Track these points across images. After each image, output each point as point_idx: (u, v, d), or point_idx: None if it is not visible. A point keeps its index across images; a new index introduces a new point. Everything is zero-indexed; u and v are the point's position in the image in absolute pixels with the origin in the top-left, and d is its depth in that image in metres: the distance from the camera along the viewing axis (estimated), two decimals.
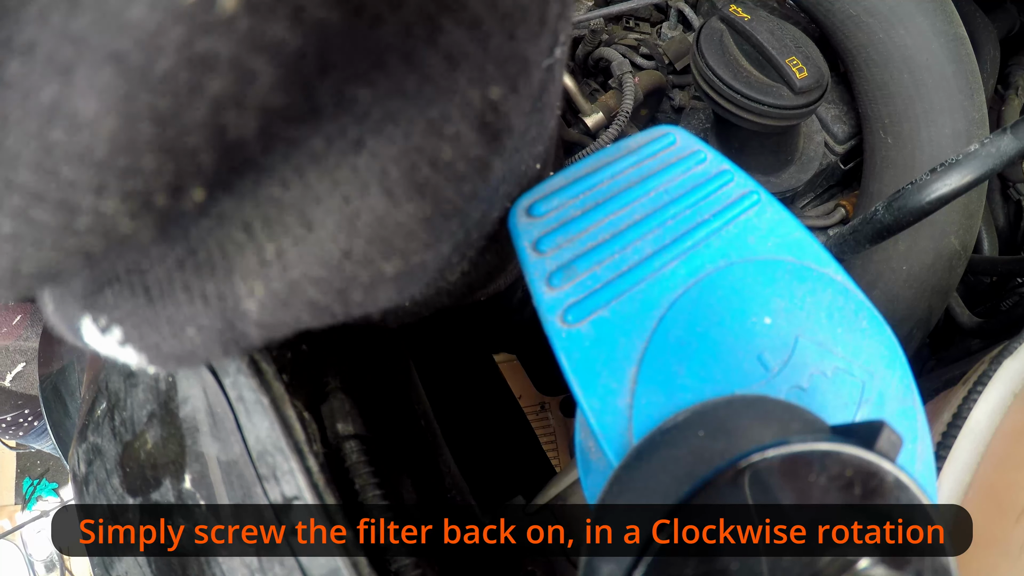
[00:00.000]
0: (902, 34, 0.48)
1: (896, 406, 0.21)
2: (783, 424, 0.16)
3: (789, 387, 0.20)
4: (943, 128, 0.49)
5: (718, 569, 0.14)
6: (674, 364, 0.20)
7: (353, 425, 0.23)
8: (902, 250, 0.49)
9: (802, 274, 0.22)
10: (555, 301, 0.21)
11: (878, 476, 0.15)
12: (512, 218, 0.22)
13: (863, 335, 0.22)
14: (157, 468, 0.24)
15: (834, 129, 0.58)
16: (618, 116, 0.55)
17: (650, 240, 0.22)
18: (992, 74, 0.62)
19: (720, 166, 0.24)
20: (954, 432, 0.30)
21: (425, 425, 0.31)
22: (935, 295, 0.49)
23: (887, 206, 0.31)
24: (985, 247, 0.58)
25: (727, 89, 0.46)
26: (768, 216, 0.23)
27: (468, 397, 0.48)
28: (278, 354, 0.23)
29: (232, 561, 0.22)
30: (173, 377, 0.23)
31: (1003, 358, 0.31)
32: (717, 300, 0.21)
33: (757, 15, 0.48)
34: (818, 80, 0.46)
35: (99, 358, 0.28)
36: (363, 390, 0.26)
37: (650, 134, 0.25)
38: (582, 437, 0.26)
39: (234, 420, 0.22)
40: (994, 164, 0.29)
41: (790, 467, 0.15)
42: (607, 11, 0.59)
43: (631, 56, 0.62)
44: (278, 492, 0.21)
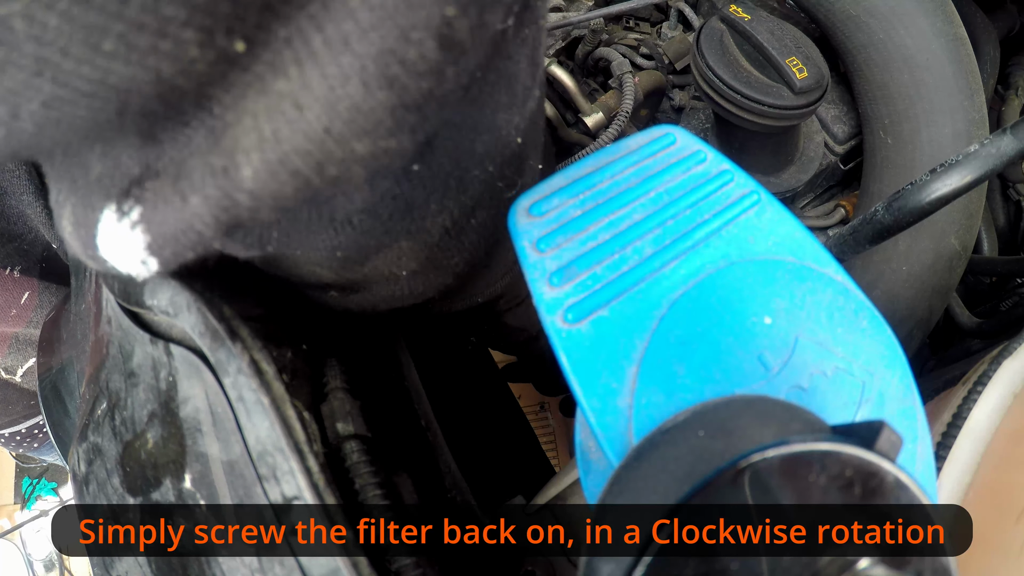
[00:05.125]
0: (902, 34, 0.48)
1: (896, 406, 0.21)
2: (783, 424, 0.16)
3: (789, 387, 0.20)
4: (943, 128, 0.49)
5: (718, 569, 0.14)
6: (674, 364, 0.20)
7: (353, 425, 0.23)
8: (902, 250, 0.49)
9: (802, 274, 0.22)
10: (555, 301, 0.21)
11: (878, 476, 0.15)
12: (512, 218, 0.22)
13: (863, 335, 0.22)
14: (157, 468, 0.24)
15: (834, 129, 0.58)
16: (618, 116, 0.55)
17: (650, 240, 0.22)
18: (992, 74, 0.62)
19: (720, 166, 0.24)
20: (954, 432, 0.30)
21: (425, 425, 0.31)
22: (935, 295, 0.49)
23: (887, 206, 0.31)
24: (985, 247, 0.58)
25: (727, 89, 0.46)
26: (768, 216, 0.23)
27: (468, 397, 0.48)
28: (278, 354, 0.23)
29: (232, 561, 0.22)
30: (174, 377, 0.23)
31: (1003, 358, 0.31)
32: (717, 300, 0.21)
33: (757, 15, 0.48)
34: (818, 80, 0.46)
35: (99, 356, 0.28)
36: (363, 390, 0.26)
37: (650, 134, 0.25)
38: (582, 437, 0.26)
39: (234, 420, 0.22)
40: (994, 164, 0.29)
41: (790, 467, 0.15)
42: (607, 11, 0.59)
43: (631, 56, 0.62)
44: (278, 492, 0.21)
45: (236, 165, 0.16)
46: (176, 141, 0.17)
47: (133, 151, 0.17)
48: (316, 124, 0.16)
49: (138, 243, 0.18)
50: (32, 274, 0.56)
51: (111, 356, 0.27)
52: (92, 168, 0.18)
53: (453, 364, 0.48)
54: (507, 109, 0.22)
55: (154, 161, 0.17)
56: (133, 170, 0.18)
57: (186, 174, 0.17)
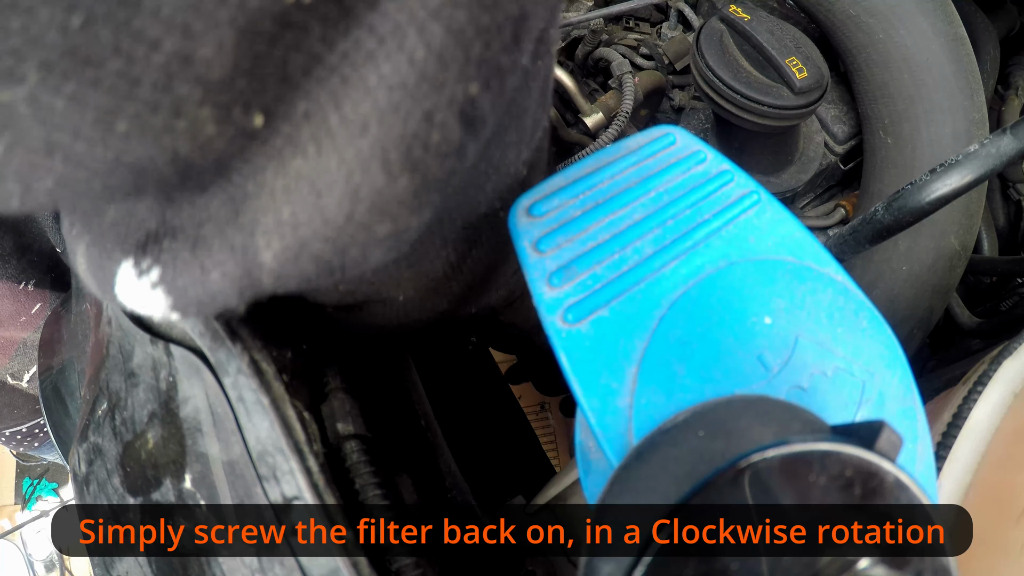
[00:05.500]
0: (902, 34, 0.48)
1: (896, 406, 0.21)
2: (783, 424, 0.16)
3: (789, 387, 0.20)
4: (943, 128, 0.49)
5: (718, 569, 0.14)
6: (674, 364, 0.20)
7: (353, 425, 0.23)
8: (902, 250, 0.49)
9: (802, 274, 0.22)
10: (555, 301, 0.21)
11: (878, 476, 0.15)
12: (512, 218, 0.22)
13: (863, 335, 0.22)
14: (158, 468, 0.24)
15: (834, 129, 0.58)
16: (618, 116, 0.55)
17: (650, 240, 0.22)
18: (992, 74, 0.62)
19: (720, 166, 0.24)
20: (954, 432, 0.30)
21: (425, 425, 0.31)
22: (935, 295, 0.49)
23: (887, 206, 0.31)
24: (985, 247, 0.58)
25: (727, 89, 0.46)
26: (768, 216, 0.23)
27: (468, 397, 0.48)
28: (278, 354, 0.23)
29: (232, 561, 0.22)
30: (174, 377, 0.23)
31: (1003, 358, 0.31)
32: (717, 300, 0.21)
33: (757, 15, 0.48)
34: (818, 80, 0.46)
35: (99, 356, 0.28)
36: (363, 390, 0.26)
37: (650, 134, 0.25)
38: (582, 437, 0.26)
39: (234, 420, 0.22)
40: (994, 164, 0.29)
41: (790, 467, 0.15)
42: (607, 11, 0.59)
43: (631, 56, 0.62)
44: (278, 492, 0.21)
45: (256, 248, 0.16)
46: (194, 204, 0.16)
47: (149, 204, 0.17)
48: (337, 211, 0.15)
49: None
50: (44, 286, 0.56)
51: (111, 356, 0.27)
52: (106, 213, 0.18)
53: (453, 364, 0.48)
54: (516, 146, 0.22)
55: (171, 217, 0.17)
56: (149, 223, 0.17)
57: (204, 243, 0.16)
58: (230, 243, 0.16)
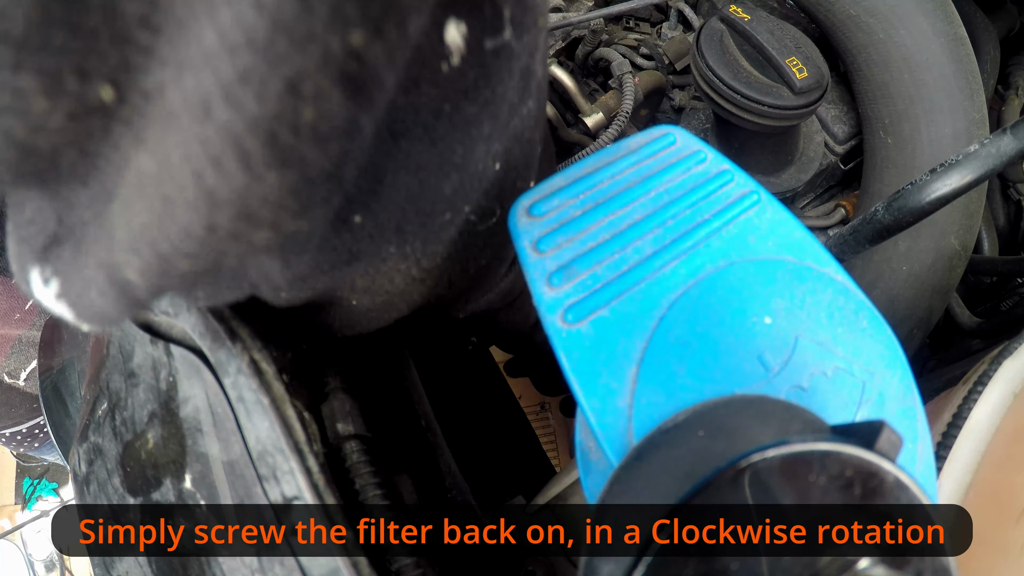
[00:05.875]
0: (902, 34, 0.48)
1: (896, 406, 0.21)
2: (783, 424, 0.16)
3: (789, 387, 0.20)
4: (943, 128, 0.49)
5: (718, 569, 0.14)
6: (674, 364, 0.20)
7: (353, 425, 0.23)
8: (902, 250, 0.49)
9: (802, 274, 0.22)
10: (555, 301, 0.21)
11: (878, 476, 0.15)
12: (512, 218, 0.22)
13: (863, 335, 0.22)
14: (158, 468, 0.24)
15: (834, 129, 0.58)
16: (618, 116, 0.55)
17: (650, 240, 0.22)
18: (992, 74, 0.62)
19: (720, 166, 0.24)
20: (954, 432, 0.30)
21: (425, 425, 0.31)
22: (935, 295, 0.49)
23: (887, 206, 0.31)
24: (985, 247, 0.58)
25: (727, 89, 0.46)
26: (768, 216, 0.23)
27: (468, 397, 0.48)
28: (278, 354, 0.23)
29: (232, 561, 0.22)
30: (174, 377, 0.23)
31: (1003, 358, 0.31)
32: (717, 300, 0.21)
33: (757, 15, 0.48)
34: (818, 80, 0.46)
35: (99, 356, 0.28)
36: (363, 390, 0.26)
37: (650, 134, 0.25)
38: (582, 437, 0.26)
39: (234, 420, 0.22)
40: (994, 164, 0.29)
41: (790, 467, 0.15)
42: (607, 11, 0.59)
43: (631, 56, 0.62)
44: (278, 492, 0.21)
45: (119, 265, 0.13)
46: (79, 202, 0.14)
47: (46, 202, 0.15)
48: (192, 221, 0.12)
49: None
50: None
51: (111, 356, 0.27)
52: (24, 208, 0.16)
53: (453, 364, 0.48)
54: (486, 140, 0.18)
55: (66, 215, 0.15)
56: (50, 224, 0.15)
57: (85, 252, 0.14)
58: (97, 258, 0.14)
